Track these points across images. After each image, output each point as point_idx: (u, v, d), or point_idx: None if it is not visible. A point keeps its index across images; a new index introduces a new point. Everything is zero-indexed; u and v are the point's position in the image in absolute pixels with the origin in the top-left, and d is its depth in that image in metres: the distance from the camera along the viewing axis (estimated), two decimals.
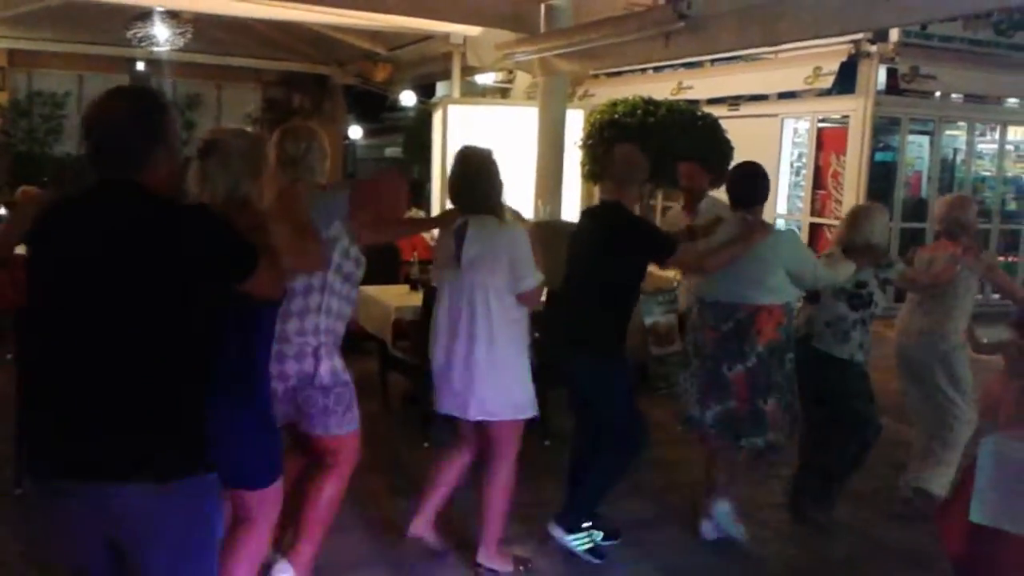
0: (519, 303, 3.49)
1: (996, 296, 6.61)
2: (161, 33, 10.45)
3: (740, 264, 3.81)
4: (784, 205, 11.42)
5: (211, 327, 2.13)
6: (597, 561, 3.86)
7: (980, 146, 11.59)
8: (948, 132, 11.36)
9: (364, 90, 15.33)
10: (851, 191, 10.52)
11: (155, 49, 10.93)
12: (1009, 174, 11.82)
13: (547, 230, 7.80)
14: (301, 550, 3.28)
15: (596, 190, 13.84)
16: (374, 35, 11.67)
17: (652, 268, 4.22)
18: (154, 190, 2.08)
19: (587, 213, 4.22)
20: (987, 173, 11.70)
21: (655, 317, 7.02)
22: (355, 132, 21.09)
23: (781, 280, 3.86)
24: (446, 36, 10.41)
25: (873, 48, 9.98)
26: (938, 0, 3.87)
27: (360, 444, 3.33)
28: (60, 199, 2.19)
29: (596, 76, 14.66)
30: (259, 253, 2.21)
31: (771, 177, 12.37)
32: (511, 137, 8.98)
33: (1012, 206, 11.68)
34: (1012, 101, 11.59)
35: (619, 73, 14.10)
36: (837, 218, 10.59)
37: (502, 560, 3.70)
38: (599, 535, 3.94)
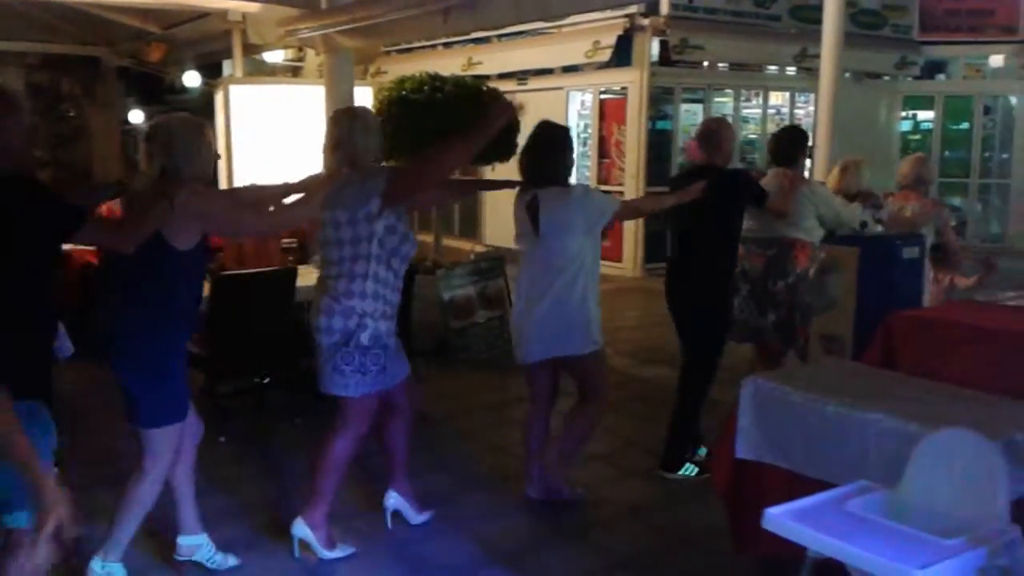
0: (620, 220, 4.36)
1: None
2: None
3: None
4: (573, 175, 11.83)
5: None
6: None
7: (746, 111, 12.45)
8: (717, 99, 12.12)
9: (146, 71, 14.45)
10: (632, 159, 11.06)
11: None
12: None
13: None
14: (313, 506, 3.63)
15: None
16: (145, 13, 11.00)
17: (453, 242, 4.39)
18: None
19: (685, 177, 4.85)
20: (753, 136, 12.60)
21: (453, 291, 7.13)
22: (136, 116, 19.85)
23: (813, 222, 4.88)
24: (224, 13, 9.98)
25: (646, 22, 10.49)
26: None
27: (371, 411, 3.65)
28: None
29: (388, 53, 14.56)
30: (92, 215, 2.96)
31: None
32: (300, 117, 8.79)
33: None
34: (772, 68, 12.54)
35: (410, 50, 14.08)
36: (621, 184, 11.12)
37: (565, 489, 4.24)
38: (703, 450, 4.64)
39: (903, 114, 14.23)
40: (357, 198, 3.42)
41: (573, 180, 12.27)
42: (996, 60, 13.75)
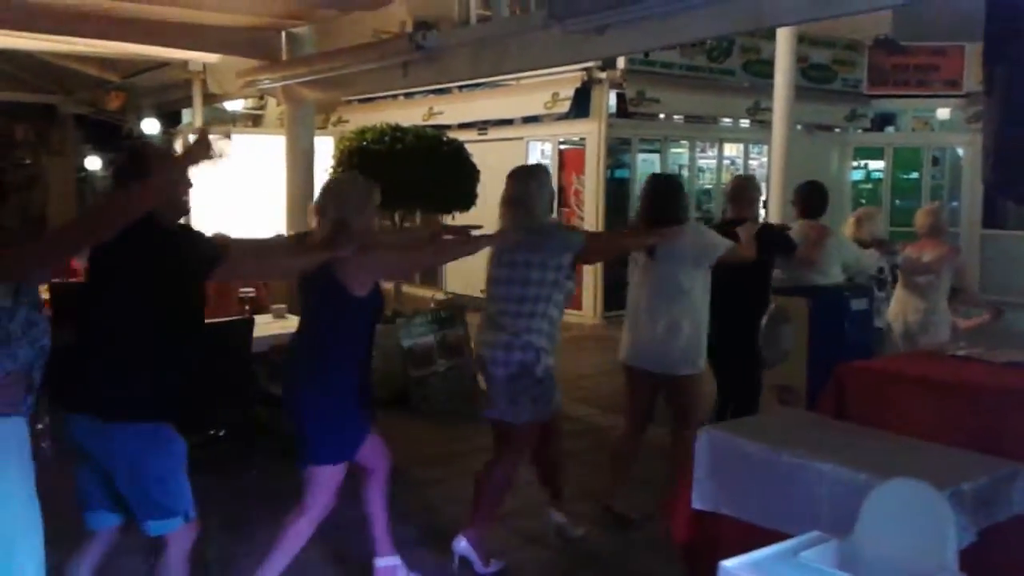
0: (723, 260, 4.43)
1: None
2: None
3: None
4: None
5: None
6: None
7: (701, 162, 12.70)
8: (673, 150, 12.37)
9: (103, 119, 14.41)
10: (591, 208, 11.19)
11: None
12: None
13: None
14: (475, 526, 4.01)
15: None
16: (104, 62, 11.00)
17: (413, 290, 4.50)
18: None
19: (721, 228, 4.97)
20: (709, 185, 12.83)
21: (413, 340, 7.12)
22: (93, 163, 19.73)
23: (837, 269, 5.15)
24: (184, 63, 10.01)
25: (603, 75, 10.70)
26: (639, 35, 4.30)
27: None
28: None
29: (349, 102, 14.61)
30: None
31: None
32: (261, 165, 8.78)
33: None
34: (726, 120, 12.81)
35: (371, 99, 14.14)
36: None
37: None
38: None
39: (854, 164, 14.60)
40: (552, 249, 3.94)
41: None
42: (943, 113, 14.20)
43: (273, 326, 5.94)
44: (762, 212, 7.87)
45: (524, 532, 4.56)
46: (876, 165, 14.55)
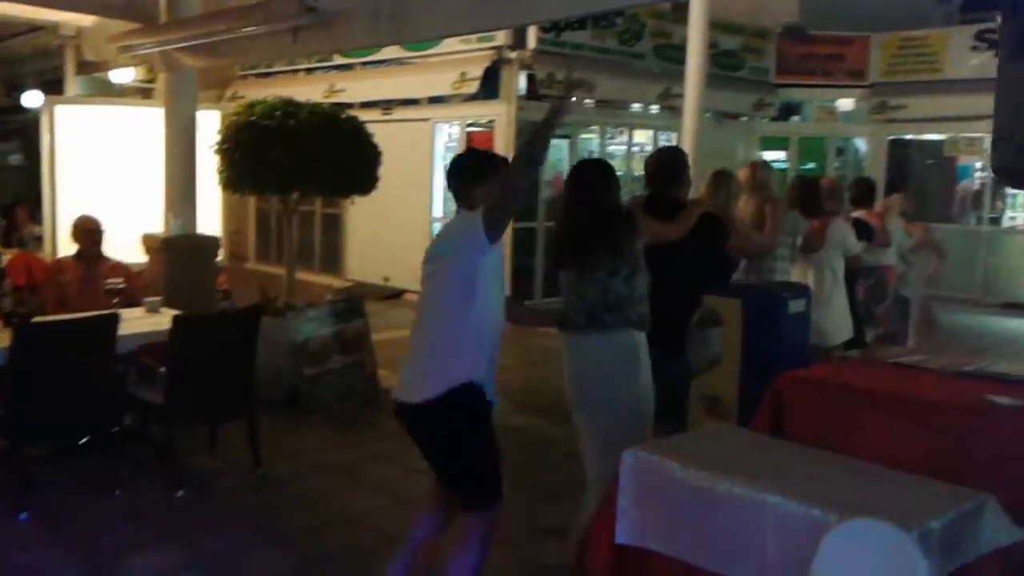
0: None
1: None
2: None
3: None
4: (440, 208, 11.41)
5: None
6: None
7: (611, 148, 12.37)
8: (584, 136, 12.01)
9: None
10: None
11: None
12: (636, 173, 12.74)
13: (182, 247, 6.95)
14: None
15: (249, 200, 13.05)
16: None
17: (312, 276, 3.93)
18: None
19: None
20: (619, 173, 12.49)
21: (307, 334, 6.54)
22: None
23: (893, 250, 6.30)
24: (55, 27, 9.16)
25: (513, 55, 10.25)
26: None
27: None
28: None
29: (245, 77, 13.87)
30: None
31: (425, 180, 12.42)
32: (140, 140, 8.03)
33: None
34: (636, 106, 12.52)
35: (269, 74, 13.46)
36: None
37: None
38: None
39: (760, 153, 14.55)
40: (788, 229, 5.20)
41: (441, 213, 11.91)
42: (846, 104, 14.25)
43: (144, 322, 5.28)
44: None
45: None
46: (781, 155, 14.54)
